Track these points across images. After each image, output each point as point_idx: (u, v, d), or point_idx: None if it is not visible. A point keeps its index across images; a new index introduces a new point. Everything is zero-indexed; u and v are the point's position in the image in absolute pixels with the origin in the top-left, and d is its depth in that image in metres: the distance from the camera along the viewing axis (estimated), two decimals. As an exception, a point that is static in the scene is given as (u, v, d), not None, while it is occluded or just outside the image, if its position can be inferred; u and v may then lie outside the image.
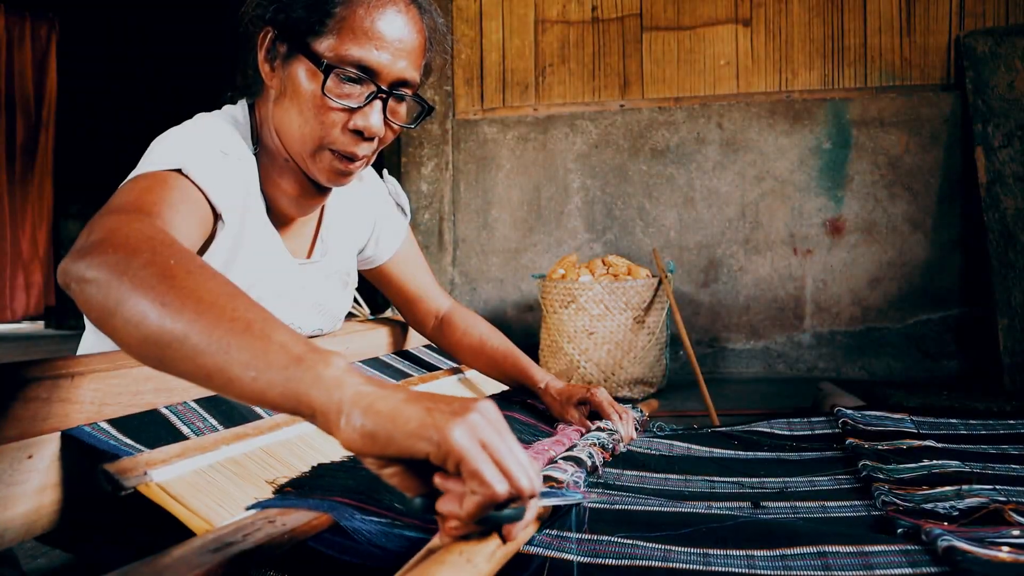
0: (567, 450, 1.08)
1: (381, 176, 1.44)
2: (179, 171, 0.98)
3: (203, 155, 1.02)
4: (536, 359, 3.06)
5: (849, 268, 3.29)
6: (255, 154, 1.14)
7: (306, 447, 1.02)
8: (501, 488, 0.58)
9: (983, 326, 3.11)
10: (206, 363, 0.66)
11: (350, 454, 1.02)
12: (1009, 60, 3.06)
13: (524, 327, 3.53)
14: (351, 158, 1.08)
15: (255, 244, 1.12)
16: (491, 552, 0.61)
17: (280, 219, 1.19)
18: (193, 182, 0.99)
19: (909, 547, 0.72)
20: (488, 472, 0.58)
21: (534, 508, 0.64)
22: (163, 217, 0.89)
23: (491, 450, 0.60)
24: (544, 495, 0.61)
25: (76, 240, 0.79)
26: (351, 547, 0.72)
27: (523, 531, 0.70)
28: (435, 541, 0.68)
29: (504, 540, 0.63)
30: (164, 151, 1.00)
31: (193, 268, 0.72)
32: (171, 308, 0.67)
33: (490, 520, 0.60)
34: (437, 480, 0.60)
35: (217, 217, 1.05)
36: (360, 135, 1.06)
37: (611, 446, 1.16)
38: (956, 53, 3.19)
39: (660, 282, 2.94)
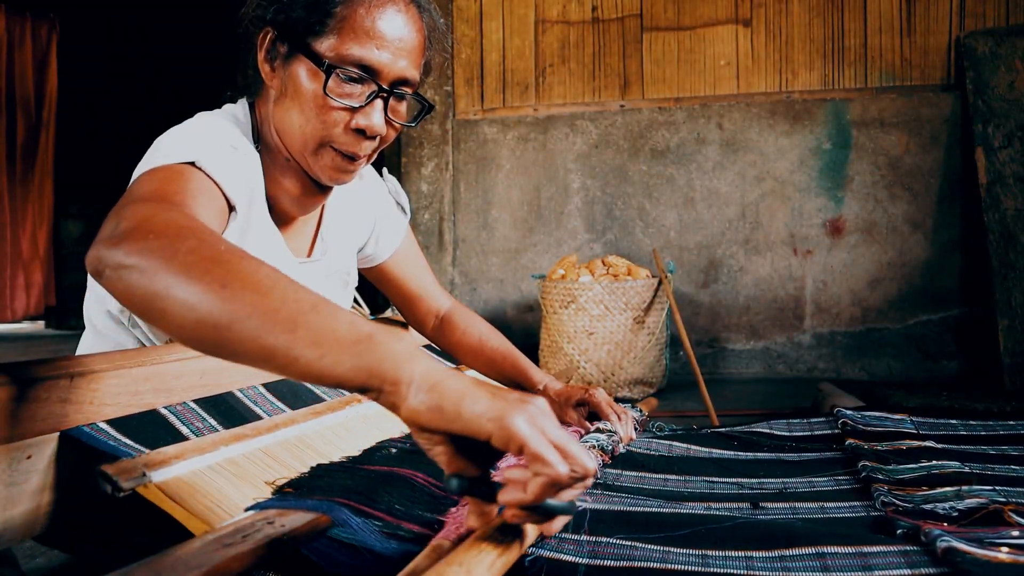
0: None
1: (381, 175, 1.44)
2: (193, 164, 0.99)
3: (215, 149, 1.03)
4: (536, 359, 3.06)
5: (849, 268, 3.29)
6: (257, 152, 1.14)
7: (305, 448, 1.02)
8: (564, 469, 0.62)
9: (983, 327, 3.10)
10: (271, 342, 0.67)
11: (350, 455, 1.03)
12: (1009, 60, 3.06)
13: (524, 327, 3.53)
14: (353, 157, 1.09)
15: (258, 242, 1.13)
16: (490, 562, 0.61)
17: (281, 218, 1.19)
18: (208, 175, 0.99)
19: (908, 548, 0.72)
20: (551, 455, 0.62)
21: (575, 498, 0.68)
22: (188, 207, 0.90)
23: (550, 436, 0.63)
24: (545, 505, 0.64)
25: (102, 229, 0.79)
26: (342, 561, 0.72)
27: (534, 530, 0.71)
28: (437, 542, 0.68)
29: (547, 534, 0.68)
30: (176, 145, 1.01)
31: (244, 254, 0.73)
32: (232, 290, 0.68)
33: (545, 509, 0.63)
34: (506, 473, 0.64)
35: (231, 209, 1.05)
36: (362, 134, 1.06)
37: (610, 448, 1.16)
38: (956, 53, 3.19)
39: (660, 282, 2.94)
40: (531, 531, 0.71)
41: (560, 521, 0.68)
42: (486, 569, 0.60)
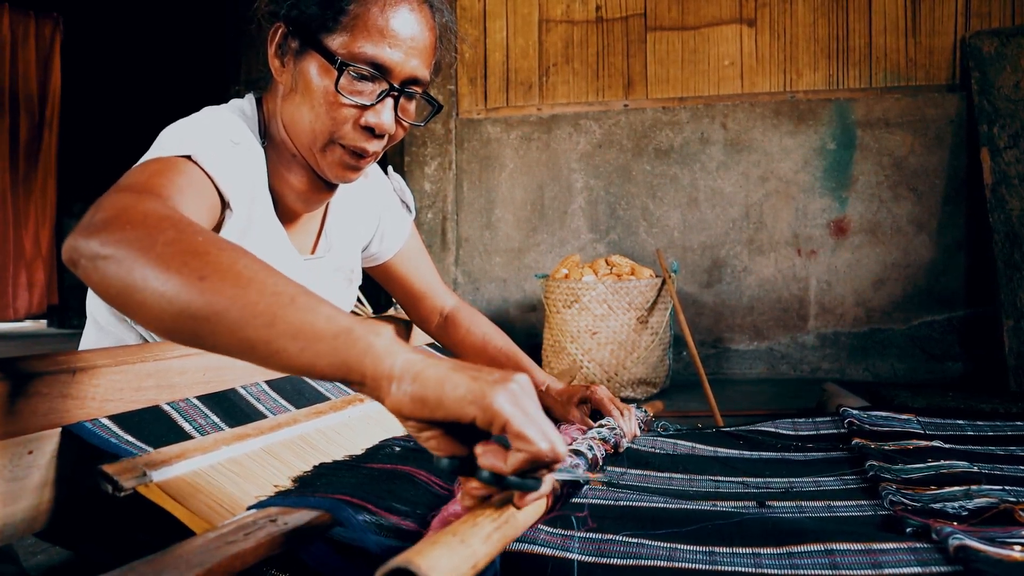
0: (568, 446, 1.07)
1: (386, 174, 1.44)
2: (189, 158, 0.98)
3: (213, 143, 1.02)
4: (539, 359, 3.05)
5: (853, 269, 3.28)
6: (263, 147, 1.14)
7: (307, 447, 1.01)
8: (545, 446, 0.62)
9: (987, 328, 3.09)
10: (250, 335, 0.66)
11: (352, 453, 1.02)
12: (1015, 61, 3.05)
13: (527, 327, 3.52)
14: (361, 154, 1.08)
15: (261, 238, 1.12)
16: (487, 534, 0.61)
17: (286, 214, 1.19)
18: (203, 169, 0.99)
19: (918, 545, 0.71)
20: (533, 432, 0.62)
21: (549, 482, 0.68)
22: (172, 200, 0.89)
23: (530, 416, 0.64)
24: (508, 480, 0.65)
25: (82, 218, 0.78)
26: (340, 567, 0.71)
27: (532, 510, 0.70)
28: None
29: (518, 507, 0.67)
30: (174, 138, 1.01)
31: (223, 245, 0.73)
32: (211, 282, 0.68)
33: (507, 484, 0.65)
34: (479, 449, 0.64)
35: (225, 206, 1.04)
36: (371, 132, 1.06)
37: (612, 439, 1.15)
38: (962, 54, 3.17)
39: (664, 282, 2.93)
40: (531, 509, 0.70)
41: (529, 498, 0.68)
42: (482, 540, 0.59)
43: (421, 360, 0.66)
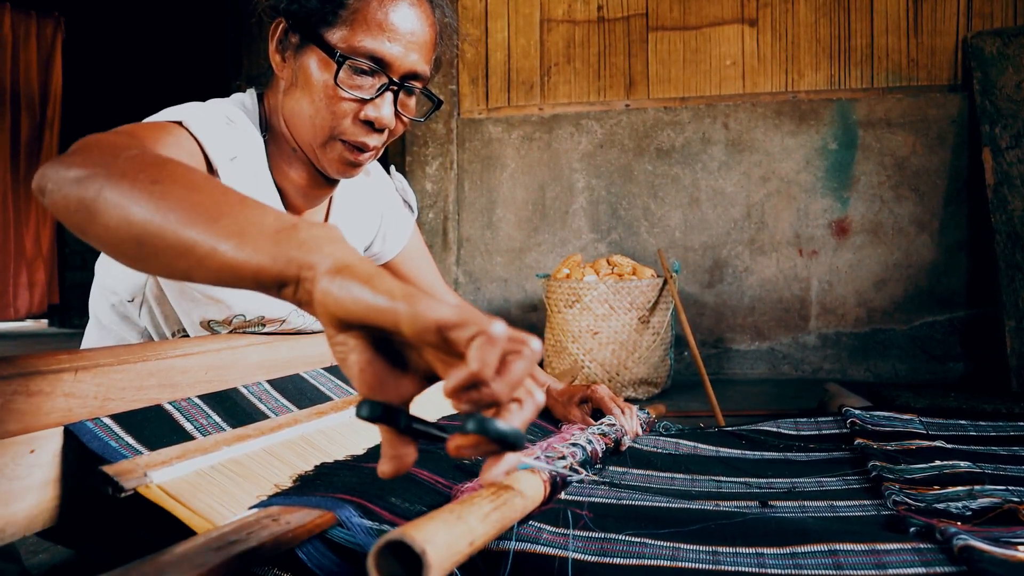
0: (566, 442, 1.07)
1: (388, 173, 1.44)
2: (180, 125, 0.99)
3: (206, 116, 1.03)
4: (540, 359, 3.04)
5: (855, 269, 3.28)
6: (264, 141, 1.14)
7: (308, 447, 1.01)
8: (495, 326, 0.52)
9: (989, 328, 3.09)
10: (191, 235, 0.63)
11: (354, 453, 1.02)
12: (1017, 61, 3.05)
13: (528, 327, 3.52)
14: (361, 148, 1.09)
15: None
16: (484, 513, 0.60)
17: (288, 210, 1.19)
18: (192, 134, 1.00)
19: (922, 546, 0.71)
20: (476, 315, 0.53)
21: (522, 428, 0.59)
22: (153, 148, 0.89)
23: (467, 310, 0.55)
24: (481, 424, 0.56)
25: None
26: (336, 572, 0.71)
27: (531, 494, 0.69)
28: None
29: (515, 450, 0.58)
30: (168, 111, 1.02)
31: (184, 163, 0.72)
32: (163, 185, 0.67)
33: (492, 431, 0.55)
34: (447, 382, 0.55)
35: (212, 173, 1.05)
36: (371, 126, 1.07)
37: (613, 434, 1.15)
38: (964, 54, 3.17)
39: (665, 282, 2.93)
40: (530, 492, 0.70)
41: (505, 463, 0.60)
42: (479, 519, 0.59)
43: (361, 256, 0.60)
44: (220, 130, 1.04)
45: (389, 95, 1.06)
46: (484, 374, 0.52)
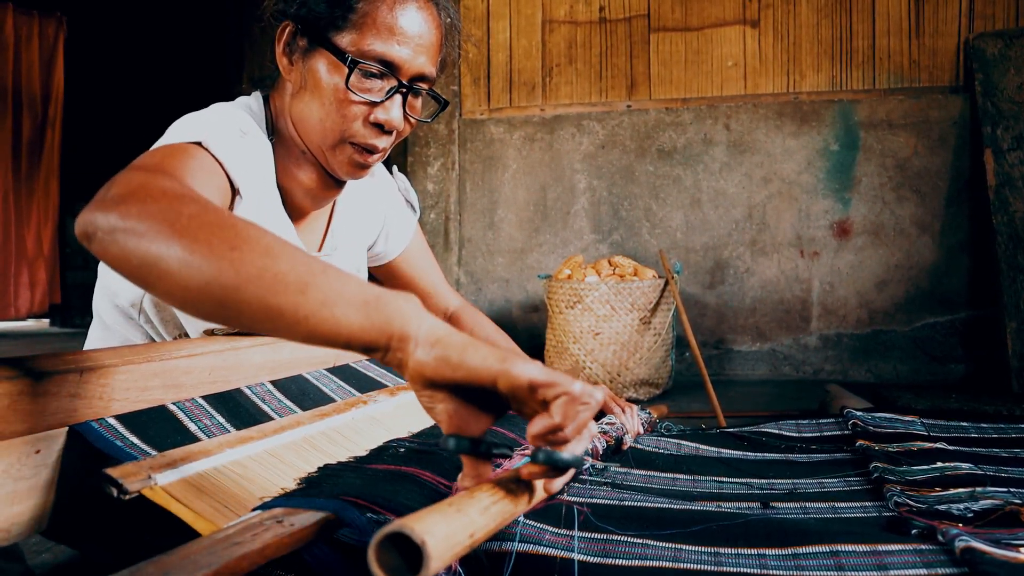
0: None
1: (391, 173, 1.45)
2: (200, 145, 0.99)
3: (223, 132, 1.03)
4: (542, 360, 3.05)
5: (856, 271, 3.28)
6: (271, 143, 1.15)
7: (311, 449, 1.01)
8: (578, 387, 0.63)
9: (990, 330, 3.09)
10: (280, 302, 0.66)
11: (357, 455, 1.02)
12: (1019, 62, 3.05)
13: (529, 327, 3.52)
14: (371, 150, 1.10)
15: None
16: (484, 507, 0.61)
17: (293, 211, 1.19)
18: (213, 155, 1.00)
19: (923, 547, 0.71)
20: (562, 378, 0.63)
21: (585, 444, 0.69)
22: (186, 180, 0.89)
23: (553, 372, 0.64)
24: (549, 456, 0.65)
25: (95, 195, 0.77)
26: (342, 572, 0.71)
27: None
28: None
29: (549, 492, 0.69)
30: (183, 127, 1.02)
31: (247, 221, 0.73)
32: (241, 252, 0.68)
33: (555, 461, 0.64)
34: (531, 427, 0.64)
35: (235, 192, 1.05)
36: (380, 128, 1.07)
37: (614, 432, 1.16)
38: (965, 55, 3.17)
39: (666, 283, 2.93)
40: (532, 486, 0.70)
41: (562, 480, 0.68)
42: (479, 512, 0.59)
43: (445, 327, 0.68)
44: (236, 146, 1.04)
45: (398, 97, 1.07)
46: (564, 425, 0.63)
